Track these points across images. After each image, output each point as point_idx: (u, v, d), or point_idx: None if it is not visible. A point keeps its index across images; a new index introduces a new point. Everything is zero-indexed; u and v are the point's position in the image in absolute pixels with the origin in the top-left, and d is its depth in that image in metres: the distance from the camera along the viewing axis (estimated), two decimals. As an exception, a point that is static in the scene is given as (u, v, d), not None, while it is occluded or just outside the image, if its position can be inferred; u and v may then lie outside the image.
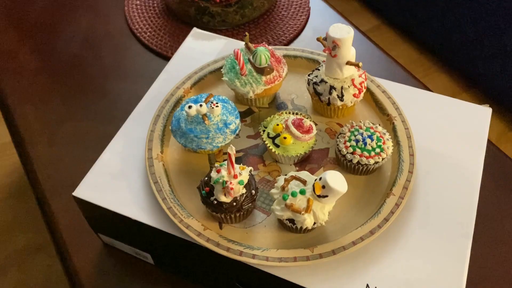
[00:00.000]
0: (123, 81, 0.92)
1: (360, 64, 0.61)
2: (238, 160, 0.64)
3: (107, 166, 0.64)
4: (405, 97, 0.69)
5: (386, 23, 1.93)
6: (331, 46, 0.61)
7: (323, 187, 0.53)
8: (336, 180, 0.53)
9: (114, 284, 0.67)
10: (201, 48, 0.78)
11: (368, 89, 0.70)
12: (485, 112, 0.68)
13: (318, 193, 0.53)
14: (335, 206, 0.56)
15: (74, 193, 0.61)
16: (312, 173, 0.62)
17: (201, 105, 0.60)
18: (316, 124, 0.64)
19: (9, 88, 0.92)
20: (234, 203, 0.55)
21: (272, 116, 0.64)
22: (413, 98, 0.70)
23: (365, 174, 0.62)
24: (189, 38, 0.80)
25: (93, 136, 0.81)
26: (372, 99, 0.69)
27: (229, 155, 0.53)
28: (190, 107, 0.60)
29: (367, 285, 0.53)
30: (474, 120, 0.67)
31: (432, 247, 0.56)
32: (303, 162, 0.64)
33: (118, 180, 0.62)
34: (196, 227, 0.56)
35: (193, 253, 0.58)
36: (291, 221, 0.54)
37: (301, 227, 0.55)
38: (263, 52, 0.64)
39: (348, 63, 0.62)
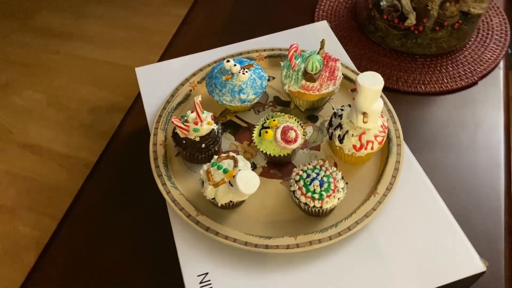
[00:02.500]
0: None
1: (365, 119, 0.59)
2: (238, 128, 0.72)
3: (167, 68, 0.80)
4: (420, 194, 0.63)
5: None
6: (354, 88, 0.60)
7: (234, 177, 0.58)
8: (245, 179, 0.57)
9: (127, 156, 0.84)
10: (310, 35, 0.83)
11: (387, 156, 0.65)
12: (475, 265, 0.57)
13: (228, 178, 0.59)
14: (263, 208, 0.62)
15: (136, 68, 0.80)
16: (272, 177, 0.66)
17: (235, 65, 0.69)
18: (319, 150, 0.66)
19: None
20: (183, 141, 0.64)
21: (284, 114, 0.68)
22: (426, 204, 0.63)
23: (299, 208, 0.62)
24: (313, 25, 0.86)
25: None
26: (383, 167, 0.65)
27: (195, 103, 0.62)
28: (228, 61, 0.69)
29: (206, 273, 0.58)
30: (460, 261, 0.57)
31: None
32: (276, 165, 0.67)
33: (163, 81, 0.78)
34: (159, 139, 0.68)
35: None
36: (202, 183, 0.61)
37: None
38: (315, 60, 0.67)
39: (363, 114, 0.60)
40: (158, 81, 0.77)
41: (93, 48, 1.90)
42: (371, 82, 0.58)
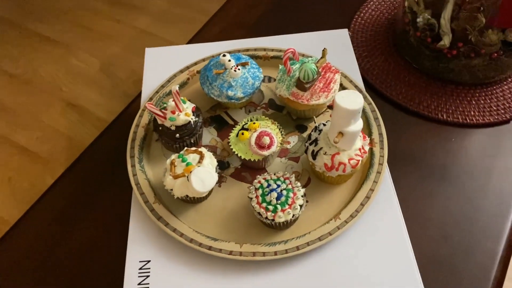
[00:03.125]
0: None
1: (337, 139, 0.56)
2: (223, 124, 0.71)
3: (176, 53, 0.80)
4: (387, 230, 0.60)
5: None
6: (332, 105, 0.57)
7: (190, 172, 0.57)
8: (200, 177, 0.56)
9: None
10: (326, 42, 0.80)
11: (363, 181, 0.61)
12: None
13: (186, 172, 0.58)
14: (222, 209, 0.62)
15: (147, 48, 0.81)
16: (241, 180, 0.65)
17: (229, 60, 0.68)
18: (297, 162, 0.63)
19: None
20: (160, 128, 0.65)
21: (267, 118, 0.66)
22: (390, 241, 0.59)
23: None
24: (333, 32, 0.82)
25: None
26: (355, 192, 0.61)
27: (172, 92, 0.62)
28: (224, 55, 0.68)
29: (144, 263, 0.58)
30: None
31: None
32: (249, 168, 0.66)
33: (168, 65, 0.78)
34: (142, 122, 0.70)
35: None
36: (165, 173, 0.62)
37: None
38: (308, 68, 0.64)
39: (338, 133, 0.57)
40: (163, 65, 0.78)
41: (152, 23, 1.96)
42: (348, 102, 0.54)
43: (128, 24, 1.96)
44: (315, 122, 0.63)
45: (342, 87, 0.71)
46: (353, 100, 0.54)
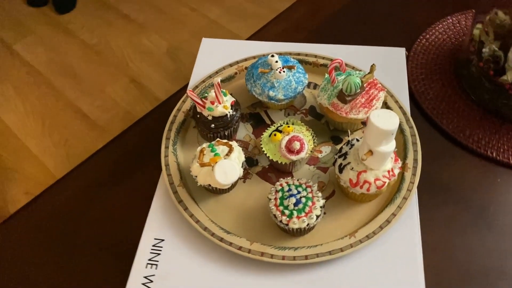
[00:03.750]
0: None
1: (365, 157, 0.55)
2: (260, 122, 0.72)
3: (231, 46, 0.82)
4: (401, 259, 0.58)
5: None
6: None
7: (216, 163, 0.59)
8: (224, 169, 0.58)
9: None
10: (380, 58, 0.78)
11: (387, 204, 0.60)
12: None
13: (212, 162, 0.60)
14: (242, 204, 0.63)
15: (204, 38, 0.84)
16: (266, 180, 0.66)
17: (277, 62, 0.68)
18: (325, 173, 0.64)
19: None
20: (198, 115, 0.67)
21: (304, 125, 0.66)
22: (402, 272, 0.57)
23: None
24: (389, 49, 0.80)
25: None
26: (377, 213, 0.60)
27: (214, 83, 0.63)
28: (273, 56, 0.69)
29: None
30: None
31: None
32: (276, 169, 0.66)
33: (221, 57, 0.80)
34: (184, 107, 0.72)
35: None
36: (193, 159, 0.63)
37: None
38: (352, 81, 0.63)
39: (367, 152, 0.56)
40: (216, 56, 0.80)
41: (223, 14, 2.01)
42: (383, 121, 0.53)
43: (201, 13, 2.02)
44: (348, 136, 0.62)
45: (386, 106, 0.70)
46: (388, 120, 0.53)
